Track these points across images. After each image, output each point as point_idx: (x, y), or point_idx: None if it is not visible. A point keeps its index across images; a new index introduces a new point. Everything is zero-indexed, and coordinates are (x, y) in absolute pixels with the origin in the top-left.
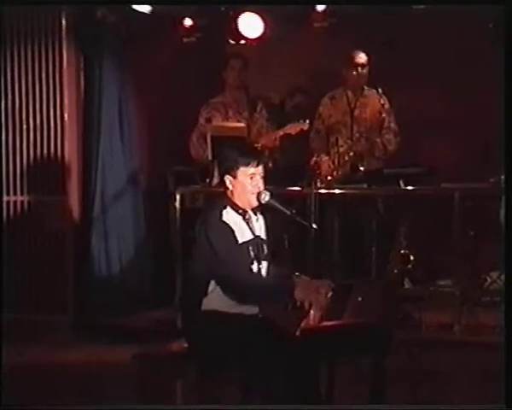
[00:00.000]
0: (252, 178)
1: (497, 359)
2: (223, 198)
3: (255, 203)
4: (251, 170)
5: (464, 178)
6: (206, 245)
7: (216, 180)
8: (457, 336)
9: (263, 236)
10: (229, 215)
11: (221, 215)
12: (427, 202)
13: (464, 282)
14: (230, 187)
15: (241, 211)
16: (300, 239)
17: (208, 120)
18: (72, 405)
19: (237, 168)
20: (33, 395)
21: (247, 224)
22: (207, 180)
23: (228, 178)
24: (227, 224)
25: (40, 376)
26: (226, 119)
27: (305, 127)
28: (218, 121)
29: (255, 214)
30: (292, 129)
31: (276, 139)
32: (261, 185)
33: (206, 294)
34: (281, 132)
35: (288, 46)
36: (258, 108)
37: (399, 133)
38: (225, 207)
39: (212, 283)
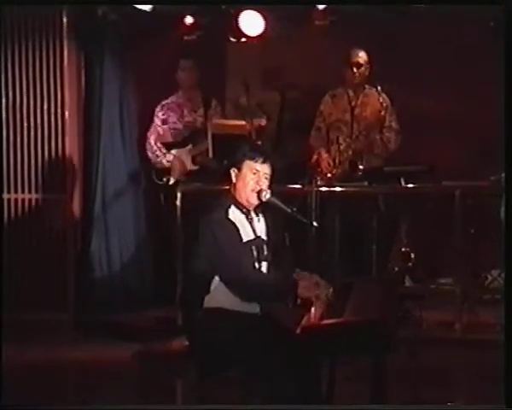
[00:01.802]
0: (255, 173)
1: (498, 357)
2: (227, 196)
3: (255, 201)
4: (256, 166)
5: (465, 176)
6: (211, 242)
7: (173, 179)
8: (458, 335)
9: (263, 236)
10: (234, 214)
11: (227, 213)
12: (427, 200)
13: (465, 280)
14: (234, 180)
15: (244, 210)
16: (301, 237)
17: (164, 121)
18: (72, 404)
19: (243, 161)
20: (33, 394)
21: (250, 224)
22: (165, 179)
23: (233, 171)
24: (233, 222)
25: (40, 374)
26: (182, 117)
27: (263, 123)
28: (173, 121)
29: (257, 215)
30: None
31: None
32: (264, 185)
33: (208, 291)
34: None
35: (288, 44)
36: (213, 105)
37: (400, 132)
38: (230, 207)
39: (215, 280)
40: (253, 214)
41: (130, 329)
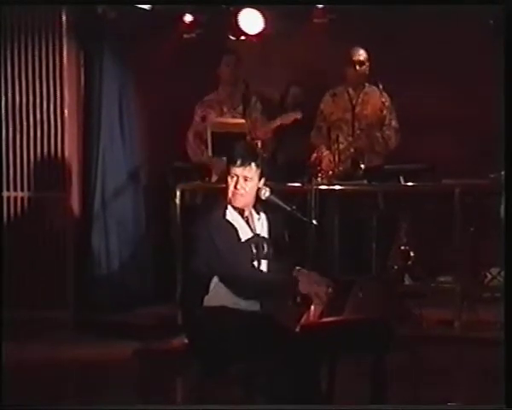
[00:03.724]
0: (232, 177)
1: (498, 355)
2: (224, 196)
3: (238, 204)
4: (234, 169)
5: (465, 174)
6: (210, 243)
7: (215, 177)
8: (458, 333)
9: (264, 234)
10: (232, 214)
11: (225, 214)
12: (427, 198)
13: (465, 278)
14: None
15: (238, 210)
16: (301, 235)
17: (203, 119)
18: (72, 403)
19: (227, 163)
20: (33, 393)
21: (247, 222)
22: (207, 178)
23: (227, 176)
24: (231, 223)
25: (40, 373)
26: (221, 115)
27: (299, 116)
28: (213, 118)
29: (257, 213)
30: (285, 119)
31: (270, 131)
32: (242, 189)
33: (207, 292)
34: (275, 123)
35: (288, 42)
36: (253, 102)
37: (400, 130)
38: (227, 207)
39: (214, 281)
40: (253, 213)
41: (130, 327)
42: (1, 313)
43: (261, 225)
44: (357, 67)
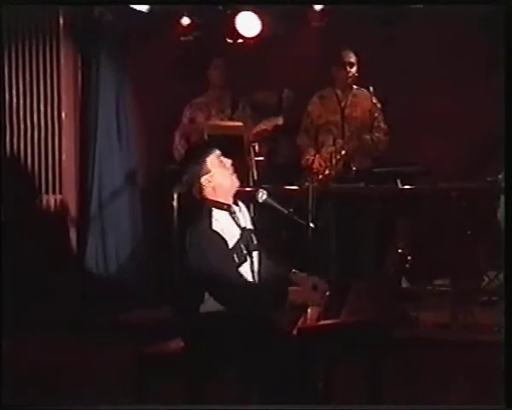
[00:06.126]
0: (221, 162)
1: (495, 358)
2: (206, 202)
3: (237, 184)
4: (219, 158)
5: (461, 177)
6: (200, 256)
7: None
8: (455, 336)
9: (249, 226)
10: (218, 222)
11: (211, 224)
12: (424, 201)
13: (461, 281)
14: (211, 186)
15: (225, 207)
16: (297, 238)
17: (192, 120)
18: (71, 404)
19: (205, 162)
20: (33, 393)
21: (233, 219)
22: None
23: (205, 179)
24: (217, 233)
25: (40, 373)
26: (209, 118)
27: (280, 122)
28: (201, 121)
29: (237, 205)
30: (266, 124)
31: (253, 135)
32: (237, 182)
33: (202, 301)
34: (257, 129)
35: (285, 45)
36: (241, 106)
37: (389, 132)
38: (212, 211)
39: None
40: (234, 207)
41: (128, 328)
42: (1, 313)
43: (244, 217)
44: (348, 69)
